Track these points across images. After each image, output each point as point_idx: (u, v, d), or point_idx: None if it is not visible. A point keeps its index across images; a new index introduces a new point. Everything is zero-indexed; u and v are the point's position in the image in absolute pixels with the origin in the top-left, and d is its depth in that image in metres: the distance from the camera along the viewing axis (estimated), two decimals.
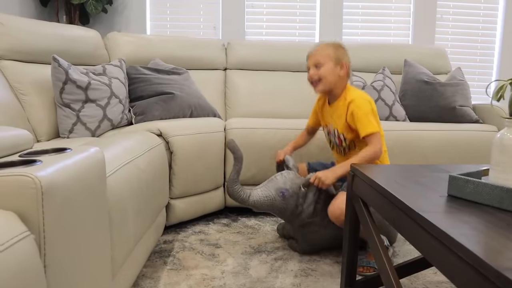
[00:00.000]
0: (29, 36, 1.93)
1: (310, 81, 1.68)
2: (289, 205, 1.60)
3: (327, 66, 1.63)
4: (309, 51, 1.69)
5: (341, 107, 1.65)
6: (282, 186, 1.59)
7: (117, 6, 3.41)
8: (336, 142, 1.72)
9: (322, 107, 1.80)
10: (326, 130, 1.80)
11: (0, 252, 0.56)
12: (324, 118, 1.79)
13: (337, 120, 1.67)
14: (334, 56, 1.64)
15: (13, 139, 0.89)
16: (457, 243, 0.70)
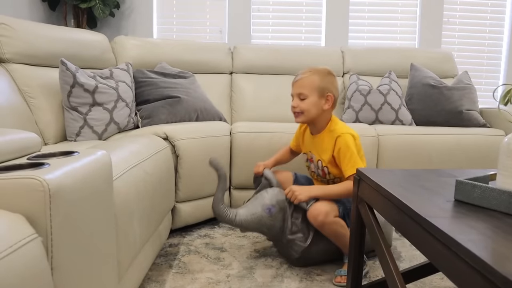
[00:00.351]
0: (38, 39, 1.95)
1: (292, 111, 1.63)
2: (277, 221, 1.55)
3: (310, 100, 1.56)
4: (295, 77, 1.62)
5: (326, 141, 1.60)
6: (268, 203, 1.55)
7: (124, 10, 3.44)
8: (319, 173, 1.67)
9: (303, 134, 1.76)
10: (307, 157, 1.75)
11: (8, 254, 0.57)
12: (305, 146, 1.74)
13: (322, 153, 1.62)
14: (320, 86, 1.56)
15: (22, 142, 0.90)
16: (465, 248, 0.70)
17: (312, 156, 1.68)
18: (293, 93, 1.61)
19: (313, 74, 1.57)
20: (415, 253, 1.77)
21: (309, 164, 1.74)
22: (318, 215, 1.49)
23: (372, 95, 2.53)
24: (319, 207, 1.50)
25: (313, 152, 1.68)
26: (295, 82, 1.60)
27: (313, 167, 1.70)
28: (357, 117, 2.52)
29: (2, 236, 0.59)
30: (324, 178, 1.66)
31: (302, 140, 1.76)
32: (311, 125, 1.66)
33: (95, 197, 0.86)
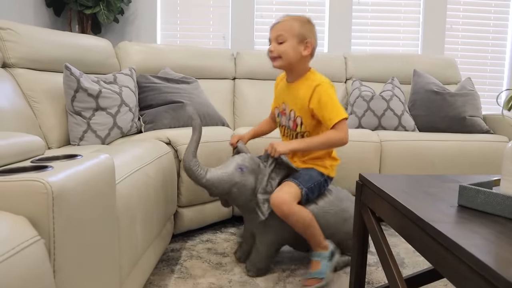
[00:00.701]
0: (43, 44, 1.96)
1: (269, 56, 1.54)
2: (248, 181, 1.48)
3: (289, 43, 1.49)
4: (275, 22, 1.54)
5: (303, 88, 1.52)
6: (240, 163, 1.49)
7: (128, 16, 3.46)
8: (289, 125, 1.59)
9: (278, 85, 1.69)
10: (278, 111, 1.66)
11: (11, 256, 0.57)
12: (279, 97, 1.65)
13: (297, 101, 1.54)
14: (299, 32, 1.49)
15: (25, 145, 0.91)
16: (468, 253, 0.69)
17: (285, 106, 1.60)
18: (270, 37, 1.53)
19: (293, 20, 1.51)
20: (418, 259, 1.76)
21: (280, 118, 1.65)
22: (282, 203, 1.42)
23: (374, 101, 2.53)
24: (282, 195, 1.43)
25: (286, 102, 1.60)
26: (274, 26, 1.53)
27: (284, 120, 1.61)
28: (359, 123, 2.52)
29: (5, 238, 0.59)
30: (294, 131, 1.57)
31: (276, 92, 1.69)
32: (289, 72, 1.58)
33: (98, 200, 0.87)
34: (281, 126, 1.66)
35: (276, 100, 1.67)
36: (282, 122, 1.64)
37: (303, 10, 3.53)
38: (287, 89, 1.60)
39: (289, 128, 1.59)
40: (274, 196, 1.44)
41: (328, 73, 2.87)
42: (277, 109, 1.67)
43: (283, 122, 1.63)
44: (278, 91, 1.67)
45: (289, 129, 1.59)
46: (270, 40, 1.53)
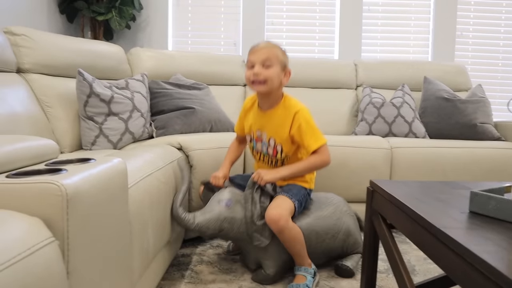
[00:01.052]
0: (56, 50, 1.99)
1: (251, 80, 1.49)
2: (236, 212, 1.48)
3: (275, 69, 1.47)
4: (256, 46, 1.51)
5: (282, 116, 1.52)
6: (222, 198, 1.49)
7: (140, 23, 3.50)
8: (268, 152, 1.58)
9: (248, 112, 1.65)
10: (251, 137, 1.64)
11: (26, 256, 0.58)
12: (253, 124, 1.61)
13: (277, 129, 1.53)
14: (282, 59, 1.50)
15: (40, 149, 0.92)
16: (480, 259, 0.69)
17: (260, 133, 1.58)
18: (254, 60, 1.48)
19: (275, 47, 1.50)
20: (429, 266, 1.74)
21: (254, 144, 1.63)
22: (279, 219, 1.40)
23: (385, 107, 2.52)
24: (279, 211, 1.42)
25: (262, 130, 1.58)
26: (258, 49, 1.48)
27: (260, 146, 1.60)
28: (370, 129, 2.52)
29: (21, 238, 0.60)
30: (274, 157, 1.57)
31: (245, 118, 1.65)
32: (265, 98, 1.55)
33: (111, 203, 0.88)
34: (256, 152, 1.64)
35: (248, 126, 1.63)
36: (257, 149, 1.62)
37: (313, 17, 3.55)
38: (263, 116, 1.57)
39: (268, 154, 1.58)
40: (271, 212, 1.43)
41: (339, 80, 2.89)
42: (249, 136, 1.64)
43: (258, 148, 1.61)
44: (250, 117, 1.62)
45: (268, 155, 1.58)
46: (253, 64, 1.48)
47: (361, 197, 2.00)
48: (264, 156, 1.60)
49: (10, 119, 1.57)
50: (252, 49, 1.51)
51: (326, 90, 2.88)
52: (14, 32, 1.86)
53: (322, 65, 2.93)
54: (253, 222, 1.47)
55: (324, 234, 1.59)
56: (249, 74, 1.49)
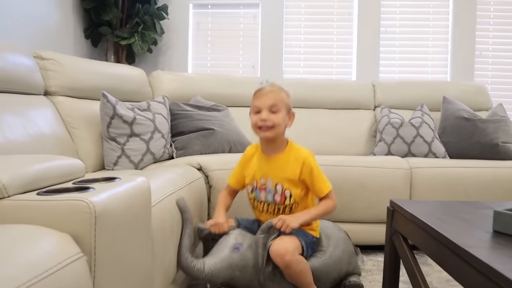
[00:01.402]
0: (81, 74, 2.06)
1: (257, 125, 1.44)
2: (248, 259, 1.37)
3: (282, 114, 1.44)
4: (261, 90, 1.47)
5: (290, 161, 1.48)
6: (234, 242, 1.37)
7: (161, 46, 3.60)
8: (274, 200, 1.49)
9: (249, 160, 1.57)
10: (253, 187, 1.54)
11: (57, 270, 0.60)
12: (256, 171, 1.52)
13: (285, 174, 1.47)
14: (287, 103, 1.47)
15: (68, 168, 0.95)
16: (507, 278, 0.68)
17: (267, 181, 1.50)
18: (261, 105, 1.44)
19: (281, 91, 1.47)
20: None
21: (256, 194, 1.53)
22: (285, 254, 1.33)
23: (404, 128, 2.51)
24: (285, 245, 1.35)
25: (267, 177, 1.50)
26: (264, 94, 1.45)
27: (265, 195, 1.51)
28: (389, 150, 2.50)
29: (52, 254, 0.63)
30: (282, 204, 1.49)
31: (247, 169, 1.56)
32: (270, 144, 1.50)
33: (135, 221, 0.90)
34: (259, 202, 1.53)
35: (251, 175, 1.54)
36: (260, 198, 1.52)
37: (331, 39, 3.59)
38: (268, 162, 1.51)
39: (274, 202, 1.50)
40: (275, 247, 1.35)
41: (357, 101, 2.90)
42: (250, 186, 1.55)
43: (262, 198, 1.51)
44: (252, 166, 1.55)
45: (274, 203, 1.50)
46: (259, 108, 1.44)
47: (380, 218, 1.98)
48: (269, 205, 1.51)
49: (38, 139, 1.63)
50: (257, 93, 1.47)
51: (344, 111, 2.88)
52: (43, 56, 1.94)
53: (340, 86, 2.95)
54: (264, 268, 1.39)
55: (333, 270, 1.53)
56: (256, 119, 1.44)
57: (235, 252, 1.36)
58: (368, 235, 2.11)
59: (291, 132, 2.73)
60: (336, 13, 3.60)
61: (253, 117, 1.47)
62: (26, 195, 0.76)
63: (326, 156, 2.27)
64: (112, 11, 3.18)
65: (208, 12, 3.65)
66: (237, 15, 3.65)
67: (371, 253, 2.14)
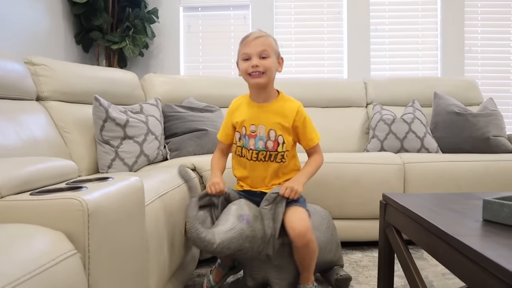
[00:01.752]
0: (73, 78, 2.06)
1: (248, 72, 1.43)
2: (257, 230, 1.34)
3: (272, 59, 1.43)
4: (249, 36, 1.45)
5: (284, 108, 1.49)
6: (241, 213, 1.33)
7: (152, 50, 3.60)
8: (265, 146, 1.47)
9: (236, 110, 1.55)
10: (240, 135, 1.52)
11: (51, 266, 0.61)
12: (246, 119, 1.50)
13: (279, 120, 1.47)
14: (276, 49, 1.46)
15: (61, 169, 0.96)
16: (496, 264, 0.69)
17: (258, 127, 1.48)
18: (250, 51, 1.42)
19: (269, 37, 1.46)
20: (447, 282, 1.72)
21: (245, 141, 1.50)
22: (307, 232, 1.32)
23: (396, 124, 2.53)
24: (305, 223, 1.34)
25: (258, 123, 1.48)
26: (254, 40, 1.43)
27: (254, 142, 1.48)
28: (382, 146, 2.52)
29: (45, 250, 0.63)
30: (275, 150, 1.47)
31: (233, 118, 1.54)
32: (262, 90, 1.49)
33: (129, 219, 0.90)
34: (247, 149, 1.50)
35: (239, 122, 1.51)
36: (249, 145, 1.49)
37: (321, 38, 3.61)
38: (259, 109, 1.50)
39: (266, 149, 1.47)
40: (297, 225, 1.33)
41: (349, 99, 2.92)
42: (238, 133, 1.52)
43: (251, 145, 1.49)
44: (240, 114, 1.52)
45: (265, 150, 1.47)
46: (248, 55, 1.43)
47: (375, 214, 1.99)
48: (259, 153, 1.48)
49: (31, 144, 1.63)
50: (245, 40, 1.45)
51: (336, 109, 2.90)
52: (34, 62, 1.93)
53: (332, 84, 2.97)
54: (275, 241, 1.38)
55: (323, 248, 1.54)
56: (246, 66, 1.43)
57: (243, 222, 1.32)
58: (364, 231, 2.13)
59: None
60: (325, 12, 3.62)
61: (242, 65, 1.45)
62: (19, 195, 0.77)
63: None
64: (102, 16, 3.18)
65: (198, 14, 3.66)
66: (228, 16, 3.66)
67: (367, 249, 2.15)
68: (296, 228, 1.33)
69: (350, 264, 1.93)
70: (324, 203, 2.03)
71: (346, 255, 2.06)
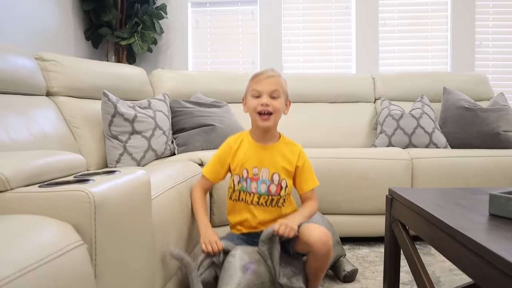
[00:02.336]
0: (83, 74, 2.09)
1: (257, 110, 1.38)
2: (264, 275, 1.29)
3: (282, 101, 1.40)
4: (262, 74, 1.41)
5: (287, 150, 1.45)
6: (243, 264, 1.27)
7: (161, 46, 3.62)
8: (268, 191, 1.41)
9: (236, 151, 1.47)
10: (240, 178, 1.44)
11: (58, 256, 0.62)
12: (248, 161, 1.43)
13: (282, 163, 1.43)
14: (286, 90, 1.43)
15: (69, 162, 0.97)
16: (499, 257, 0.69)
17: (261, 171, 1.42)
18: (262, 89, 1.37)
19: (280, 77, 1.42)
20: (454, 278, 1.71)
21: (245, 185, 1.43)
22: (329, 240, 1.26)
23: (404, 119, 2.52)
24: (324, 230, 1.28)
25: (261, 166, 1.42)
26: (267, 78, 1.39)
27: (256, 186, 1.42)
28: (390, 141, 2.51)
29: (53, 241, 0.65)
30: (277, 195, 1.42)
31: (233, 159, 1.46)
32: (266, 132, 1.44)
33: (135, 211, 0.91)
34: (248, 193, 1.43)
35: (239, 164, 1.44)
36: (250, 189, 1.42)
37: (330, 33, 3.59)
38: (263, 151, 1.44)
39: (268, 193, 1.41)
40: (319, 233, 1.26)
41: (357, 94, 2.91)
42: (237, 176, 1.45)
43: (252, 189, 1.42)
44: (241, 155, 1.45)
45: (268, 194, 1.41)
46: (259, 92, 1.38)
47: (382, 209, 1.97)
48: (260, 197, 1.42)
49: (41, 139, 1.65)
50: (257, 77, 1.41)
51: (344, 104, 2.89)
52: (44, 58, 1.96)
53: (340, 79, 2.96)
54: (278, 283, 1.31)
55: None
56: (256, 104, 1.38)
57: (248, 272, 1.27)
58: (371, 226, 2.12)
59: (293, 126, 2.75)
60: (334, 7, 3.60)
61: (252, 101, 1.40)
62: (28, 187, 0.78)
63: (327, 149, 2.29)
64: (112, 12, 3.20)
65: (206, 10, 3.67)
66: (236, 12, 3.66)
67: (374, 245, 2.15)
68: (321, 237, 1.26)
69: (357, 259, 1.93)
70: (331, 198, 2.04)
71: (353, 250, 2.07)
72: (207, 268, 1.31)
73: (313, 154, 2.10)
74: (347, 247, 2.10)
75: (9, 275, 0.52)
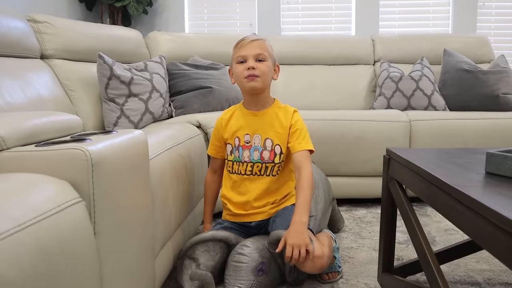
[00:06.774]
0: (77, 36, 2.05)
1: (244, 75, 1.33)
2: (275, 274, 1.30)
3: (268, 63, 1.35)
4: (245, 39, 1.36)
5: (281, 114, 1.39)
6: (255, 264, 1.25)
7: (157, 8, 3.53)
8: (260, 158, 1.37)
9: (227, 122, 1.44)
10: (233, 147, 1.41)
11: (57, 212, 0.63)
12: (239, 129, 1.41)
13: (275, 128, 1.38)
14: (272, 54, 1.38)
15: (65, 123, 0.97)
16: (493, 211, 0.70)
17: (253, 137, 1.39)
18: (246, 54, 1.33)
19: (265, 41, 1.37)
20: (449, 237, 1.75)
21: (238, 153, 1.40)
22: (323, 264, 1.25)
23: (403, 81, 2.50)
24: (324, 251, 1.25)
25: (255, 132, 1.39)
26: (251, 42, 1.34)
27: (249, 154, 1.39)
28: (388, 104, 2.50)
29: (51, 197, 0.65)
30: (271, 162, 1.38)
31: (225, 130, 1.44)
32: (257, 97, 1.39)
33: (133, 170, 0.92)
34: (240, 163, 1.40)
35: (231, 134, 1.42)
36: (243, 158, 1.39)
37: None
38: (254, 117, 1.40)
39: (261, 161, 1.38)
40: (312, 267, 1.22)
41: (356, 56, 2.87)
42: (230, 145, 1.42)
43: (245, 157, 1.38)
44: (233, 125, 1.42)
45: (261, 162, 1.38)
46: (244, 57, 1.33)
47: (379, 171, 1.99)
48: (254, 165, 1.38)
49: (37, 102, 1.64)
50: (240, 42, 1.36)
51: (343, 66, 2.86)
52: (37, 19, 1.91)
53: (339, 42, 2.91)
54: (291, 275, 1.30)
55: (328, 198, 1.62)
56: (242, 69, 1.33)
57: (261, 274, 1.25)
58: (369, 188, 2.15)
59: (291, 89, 2.73)
60: None
61: (238, 68, 1.35)
62: (24, 147, 0.78)
63: (325, 111, 2.28)
64: None
65: None
66: None
67: (371, 206, 2.18)
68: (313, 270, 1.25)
69: (354, 220, 1.97)
70: (329, 160, 2.05)
71: (350, 212, 2.10)
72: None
73: (312, 116, 2.10)
74: (344, 208, 2.13)
75: (8, 229, 0.53)
